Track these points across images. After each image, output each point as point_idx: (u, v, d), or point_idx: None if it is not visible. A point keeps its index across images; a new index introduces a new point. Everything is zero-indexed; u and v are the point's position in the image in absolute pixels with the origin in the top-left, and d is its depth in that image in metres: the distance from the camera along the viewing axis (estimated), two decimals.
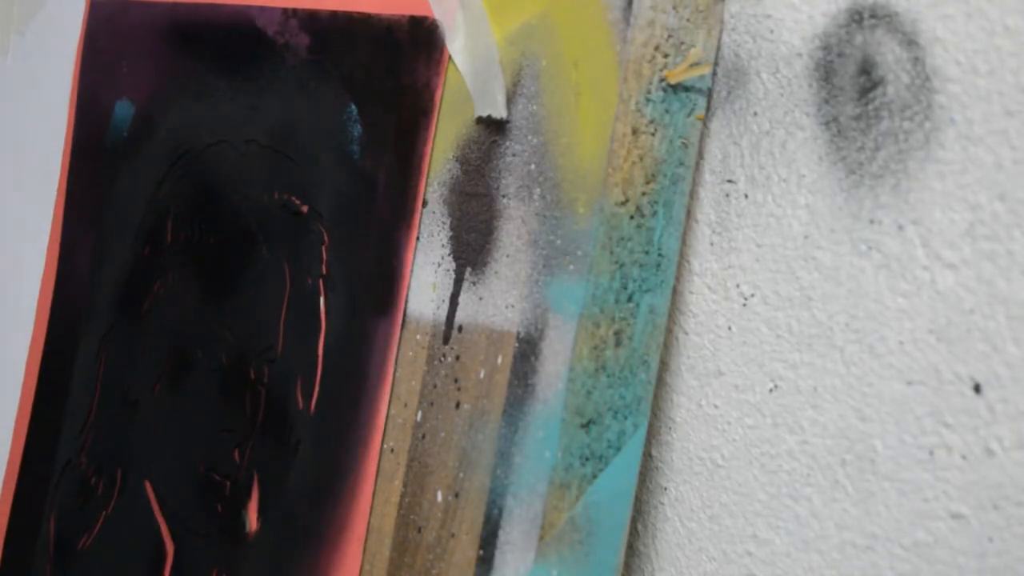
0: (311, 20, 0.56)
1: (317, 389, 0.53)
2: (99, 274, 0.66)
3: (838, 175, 0.40)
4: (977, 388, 0.36)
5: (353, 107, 0.54)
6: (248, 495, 0.55)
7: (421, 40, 0.51)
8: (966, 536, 0.36)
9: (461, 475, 0.46)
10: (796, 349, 0.41)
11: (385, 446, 0.49)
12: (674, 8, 0.43)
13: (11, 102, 0.83)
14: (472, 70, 0.48)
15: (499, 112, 0.47)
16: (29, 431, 0.66)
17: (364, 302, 0.52)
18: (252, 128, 0.59)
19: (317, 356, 0.54)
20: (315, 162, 0.56)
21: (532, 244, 0.45)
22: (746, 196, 0.43)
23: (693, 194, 0.45)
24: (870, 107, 0.39)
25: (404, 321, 0.50)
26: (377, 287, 0.51)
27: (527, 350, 0.44)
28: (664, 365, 0.46)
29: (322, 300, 0.54)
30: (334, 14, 0.55)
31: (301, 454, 0.53)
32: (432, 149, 0.50)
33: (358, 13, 0.54)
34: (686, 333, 0.46)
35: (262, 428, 0.55)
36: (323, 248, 0.54)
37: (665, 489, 0.46)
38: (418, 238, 0.50)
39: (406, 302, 0.50)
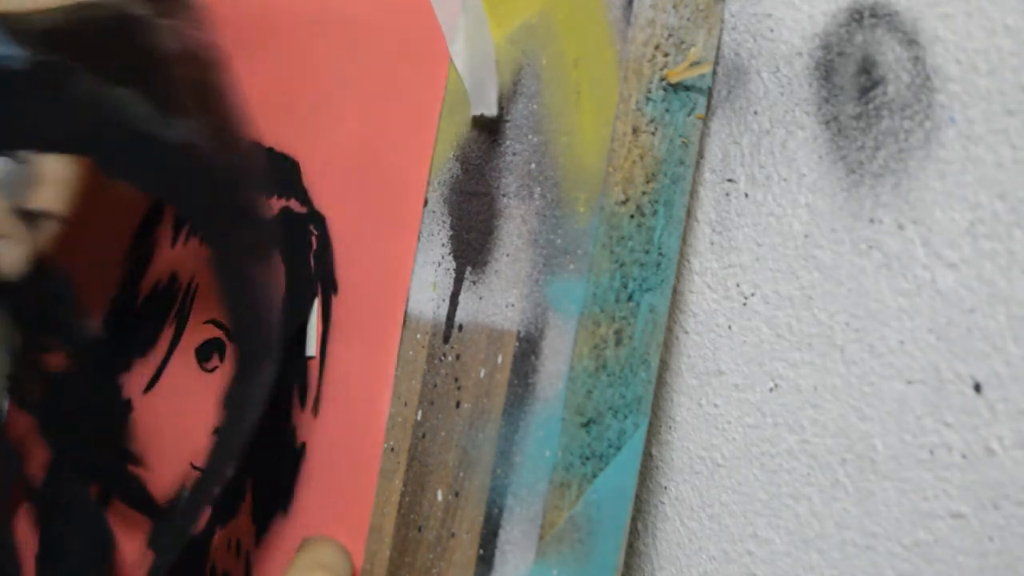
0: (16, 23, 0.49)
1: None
2: None
3: (838, 174, 0.40)
4: (977, 387, 0.36)
5: (124, 90, 0.49)
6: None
7: (167, 11, 0.49)
8: (966, 535, 0.36)
9: (461, 474, 0.46)
10: (796, 348, 0.41)
11: (385, 445, 0.49)
12: (674, 7, 0.43)
13: None
14: (470, 70, 0.48)
15: (490, 110, 0.47)
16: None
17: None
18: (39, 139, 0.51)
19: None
20: (144, 152, 0.51)
21: (532, 243, 0.45)
22: (746, 195, 0.43)
23: (693, 193, 0.45)
24: (870, 106, 0.39)
25: (404, 320, 0.50)
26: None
27: (527, 349, 0.44)
28: (664, 364, 0.46)
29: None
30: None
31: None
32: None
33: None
34: (686, 332, 0.46)
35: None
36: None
37: (665, 488, 0.47)
38: (418, 237, 0.50)
39: (406, 301, 0.50)
